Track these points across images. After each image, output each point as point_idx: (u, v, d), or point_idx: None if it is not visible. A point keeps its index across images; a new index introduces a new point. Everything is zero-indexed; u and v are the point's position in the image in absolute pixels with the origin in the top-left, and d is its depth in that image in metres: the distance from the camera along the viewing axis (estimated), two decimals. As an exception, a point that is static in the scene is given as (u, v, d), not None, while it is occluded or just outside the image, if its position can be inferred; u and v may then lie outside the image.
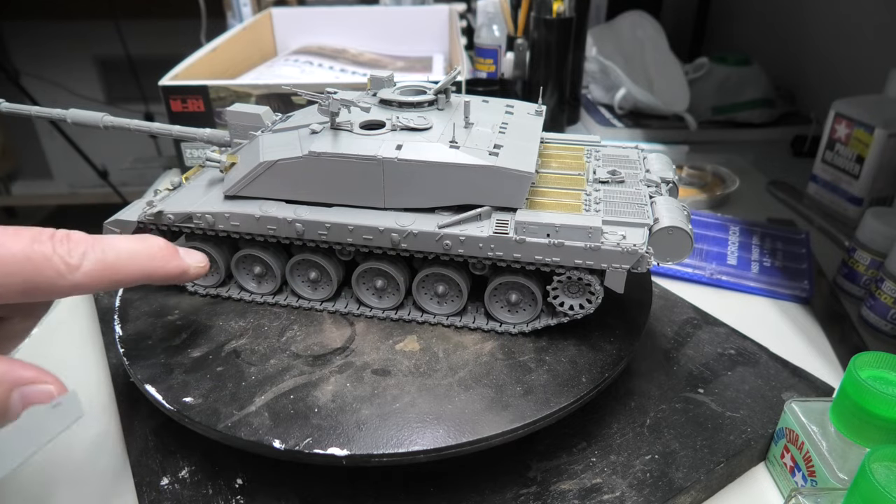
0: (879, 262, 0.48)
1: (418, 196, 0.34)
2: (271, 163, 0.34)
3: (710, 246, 0.56)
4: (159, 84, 0.68)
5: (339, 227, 0.34)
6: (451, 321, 0.36)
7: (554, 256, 0.33)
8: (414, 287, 0.36)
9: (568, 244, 0.32)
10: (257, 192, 0.35)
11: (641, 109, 0.88)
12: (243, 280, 0.39)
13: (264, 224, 0.35)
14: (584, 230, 0.32)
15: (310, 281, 0.38)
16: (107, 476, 0.35)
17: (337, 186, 0.34)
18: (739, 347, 0.42)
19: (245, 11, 1.11)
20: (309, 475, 0.32)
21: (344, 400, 0.31)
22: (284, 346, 0.35)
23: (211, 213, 0.36)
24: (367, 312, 0.37)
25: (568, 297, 0.35)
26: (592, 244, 0.32)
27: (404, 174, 0.33)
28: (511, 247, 0.33)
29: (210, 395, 0.32)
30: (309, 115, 0.38)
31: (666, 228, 0.32)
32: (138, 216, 0.36)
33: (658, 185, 0.37)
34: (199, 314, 0.37)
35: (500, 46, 0.87)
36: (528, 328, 0.36)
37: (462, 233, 0.33)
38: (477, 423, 0.30)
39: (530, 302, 0.36)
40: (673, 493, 0.31)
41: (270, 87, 0.68)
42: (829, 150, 0.65)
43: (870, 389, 0.29)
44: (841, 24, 0.86)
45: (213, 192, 0.37)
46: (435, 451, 0.29)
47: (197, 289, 0.39)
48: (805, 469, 0.32)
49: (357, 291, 0.37)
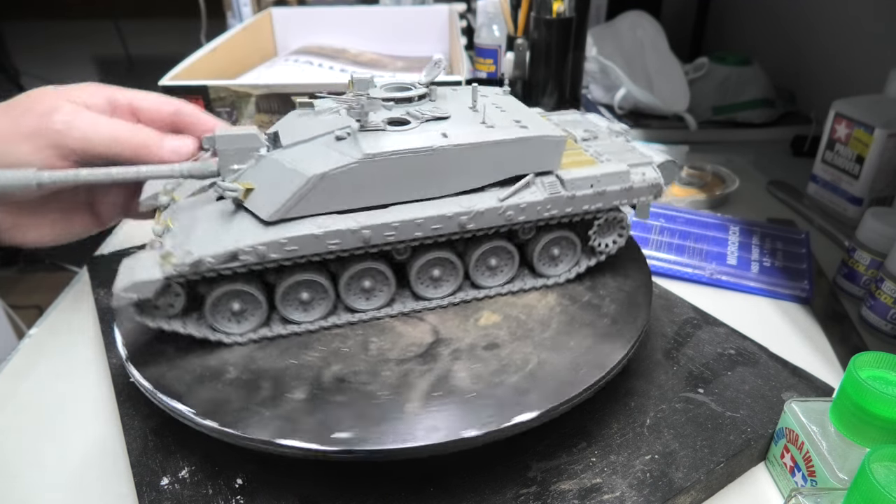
0: (879, 262, 0.48)
1: (470, 178, 0.35)
2: (321, 175, 0.32)
3: (710, 246, 0.56)
4: (159, 84, 0.68)
5: (406, 225, 0.34)
6: (507, 289, 0.39)
7: (598, 203, 0.37)
8: (471, 267, 0.38)
9: (609, 189, 0.37)
10: (305, 211, 0.33)
11: (641, 109, 0.88)
12: (289, 312, 0.35)
13: (325, 241, 0.33)
14: (618, 175, 0.37)
15: (363, 291, 0.36)
16: (107, 476, 0.35)
17: (392, 185, 0.34)
18: (739, 347, 0.42)
19: (245, 11, 1.11)
20: (309, 475, 0.32)
21: (489, 378, 0.32)
22: (379, 357, 0.34)
23: (263, 244, 0.32)
24: (429, 305, 0.38)
25: (603, 237, 0.40)
26: (625, 185, 0.37)
27: (458, 159, 0.34)
28: (564, 203, 0.37)
29: (360, 422, 0.29)
30: (296, 126, 0.36)
31: (663, 163, 0.40)
32: (163, 272, 0.31)
33: (623, 134, 0.43)
34: (260, 361, 0.34)
35: (500, 46, 0.87)
36: (573, 274, 0.40)
37: (521, 201, 0.36)
38: (605, 354, 0.34)
39: (569, 252, 0.40)
40: (673, 493, 0.31)
41: (270, 87, 0.68)
42: (829, 150, 0.65)
43: (870, 389, 0.29)
44: (841, 24, 0.86)
45: (236, 223, 0.33)
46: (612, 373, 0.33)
47: (235, 339, 0.35)
48: (805, 469, 0.32)
49: (415, 288, 0.37)
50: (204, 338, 0.34)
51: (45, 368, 0.43)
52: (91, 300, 0.49)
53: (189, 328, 0.33)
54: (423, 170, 0.34)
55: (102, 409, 0.39)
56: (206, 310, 0.34)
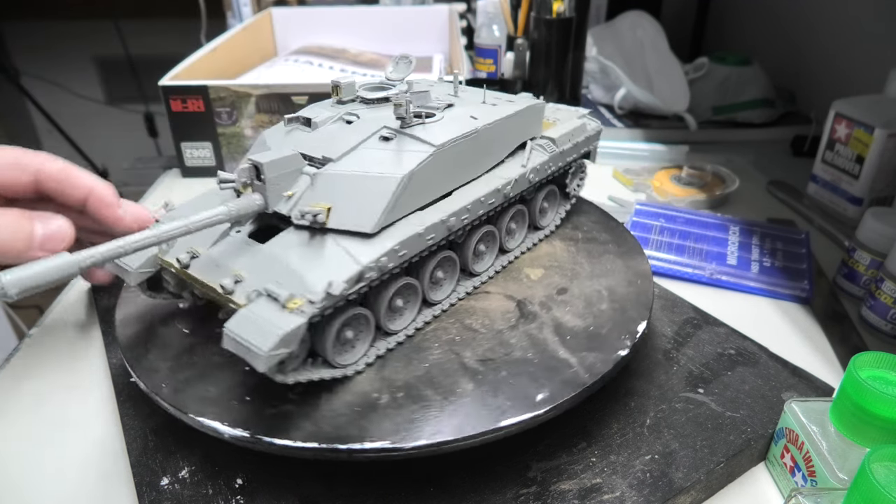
0: (879, 262, 0.48)
1: (496, 153, 0.40)
2: (409, 174, 0.32)
3: (710, 246, 0.56)
4: (159, 84, 0.68)
5: (474, 206, 0.37)
6: (525, 246, 0.44)
7: (574, 154, 0.45)
8: (503, 233, 0.41)
9: (578, 141, 0.45)
10: (397, 214, 0.33)
11: (641, 109, 0.88)
12: (389, 323, 0.34)
13: (425, 238, 0.33)
14: (580, 128, 0.46)
15: (436, 282, 0.37)
16: (107, 476, 0.35)
17: (452, 172, 0.36)
18: (739, 347, 0.42)
19: (245, 11, 1.11)
20: (309, 475, 0.32)
21: (589, 311, 0.37)
22: (493, 331, 0.36)
23: (383, 255, 0.31)
24: (482, 279, 0.40)
25: (573, 182, 0.48)
26: (585, 136, 0.46)
27: (489, 137, 0.38)
28: (558, 158, 0.44)
29: (551, 377, 0.32)
30: (302, 140, 0.36)
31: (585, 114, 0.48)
32: (304, 315, 0.28)
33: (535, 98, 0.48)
34: (395, 376, 0.33)
35: (500, 46, 0.87)
36: (559, 220, 0.47)
37: (535, 164, 0.41)
38: (637, 266, 0.42)
39: (553, 201, 0.46)
40: (673, 493, 0.31)
41: (270, 87, 0.68)
42: (829, 150, 0.65)
43: (870, 389, 0.29)
44: (841, 24, 0.86)
45: (333, 245, 0.31)
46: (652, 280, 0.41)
47: (355, 368, 0.33)
48: (805, 469, 0.32)
49: (471, 265, 0.39)
50: (331, 378, 0.31)
51: (45, 368, 0.43)
52: (91, 300, 0.49)
53: (321, 373, 0.31)
54: (469, 152, 0.36)
55: (102, 409, 0.39)
56: (328, 346, 0.31)
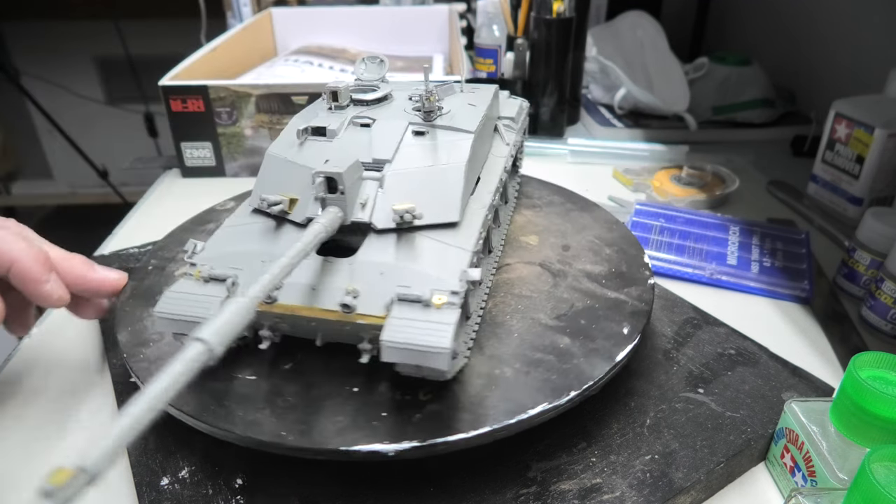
0: (879, 262, 0.48)
1: (488, 135, 0.43)
2: (467, 161, 0.35)
3: (710, 246, 0.56)
4: (159, 84, 0.68)
5: (499, 186, 0.40)
6: (510, 217, 0.46)
7: (523, 131, 0.51)
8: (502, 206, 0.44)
9: (522, 118, 0.51)
10: (465, 203, 0.35)
11: (641, 109, 0.88)
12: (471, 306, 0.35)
13: (488, 217, 0.37)
14: (522, 107, 0.51)
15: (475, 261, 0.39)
16: (107, 476, 0.35)
17: (479, 156, 0.39)
18: (739, 347, 0.42)
19: (245, 11, 1.11)
20: (309, 475, 0.32)
21: (604, 262, 0.42)
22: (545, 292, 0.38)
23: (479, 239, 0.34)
24: (498, 253, 0.42)
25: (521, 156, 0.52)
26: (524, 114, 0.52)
27: (488, 125, 0.42)
28: (517, 135, 0.48)
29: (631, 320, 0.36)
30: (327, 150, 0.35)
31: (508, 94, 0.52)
32: (457, 313, 0.28)
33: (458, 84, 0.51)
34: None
35: (500, 46, 0.87)
36: (516, 193, 0.50)
37: (512, 141, 0.46)
38: (613, 220, 0.47)
39: (513, 176, 0.50)
40: (673, 494, 0.31)
41: (270, 87, 0.68)
42: (829, 150, 0.65)
43: (870, 389, 0.29)
44: (841, 24, 0.86)
45: (431, 240, 0.32)
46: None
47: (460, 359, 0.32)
48: (805, 469, 0.32)
49: (493, 241, 0.41)
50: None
51: (45, 368, 0.43)
52: (91, 300, 0.49)
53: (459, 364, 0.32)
54: (480, 137, 0.39)
55: (102, 409, 0.39)
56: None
